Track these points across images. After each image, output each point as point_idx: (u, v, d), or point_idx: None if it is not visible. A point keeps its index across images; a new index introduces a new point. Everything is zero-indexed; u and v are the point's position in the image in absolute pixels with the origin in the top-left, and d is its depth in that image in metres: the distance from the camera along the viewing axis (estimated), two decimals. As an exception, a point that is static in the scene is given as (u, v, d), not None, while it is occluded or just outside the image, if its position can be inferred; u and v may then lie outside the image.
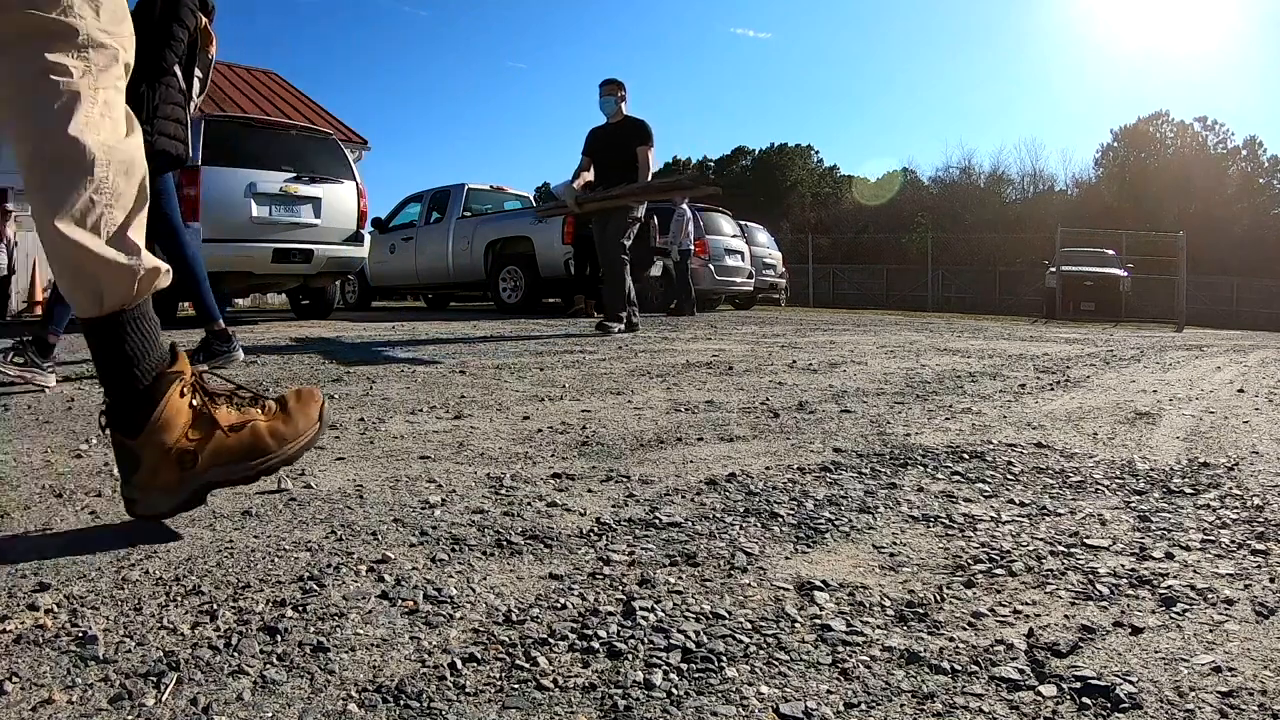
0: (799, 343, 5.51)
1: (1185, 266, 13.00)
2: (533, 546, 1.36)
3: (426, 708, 0.86)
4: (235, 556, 1.28)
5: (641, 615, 1.09)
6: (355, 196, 7.68)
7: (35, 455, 1.97)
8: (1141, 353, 5.65)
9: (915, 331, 7.28)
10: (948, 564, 1.31)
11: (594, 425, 2.40)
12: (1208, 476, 1.92)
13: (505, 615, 1.09)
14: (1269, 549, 1.39)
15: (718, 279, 11.53)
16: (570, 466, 1.91)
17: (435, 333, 6.18)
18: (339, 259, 7.57)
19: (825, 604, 1.14)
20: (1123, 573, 1.28)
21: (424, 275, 11.06)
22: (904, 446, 2.17)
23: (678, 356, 4.41)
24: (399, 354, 4.39)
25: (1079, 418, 2.68)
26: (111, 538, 1.35)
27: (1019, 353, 5.22)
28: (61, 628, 1.03)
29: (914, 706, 0.88)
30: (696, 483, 1.77)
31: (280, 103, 16.21)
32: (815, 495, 1.68)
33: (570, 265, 9.40)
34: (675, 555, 1.33)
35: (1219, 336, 9.75)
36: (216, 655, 0.96)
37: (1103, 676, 0.94)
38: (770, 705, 0.88)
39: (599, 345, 5.04)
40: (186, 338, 5.61)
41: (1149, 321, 13.82)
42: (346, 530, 1.42)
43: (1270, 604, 1.15)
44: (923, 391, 3.21)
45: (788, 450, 2.11)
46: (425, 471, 1.84)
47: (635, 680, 0.92)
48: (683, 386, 3.23)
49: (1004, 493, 1.74)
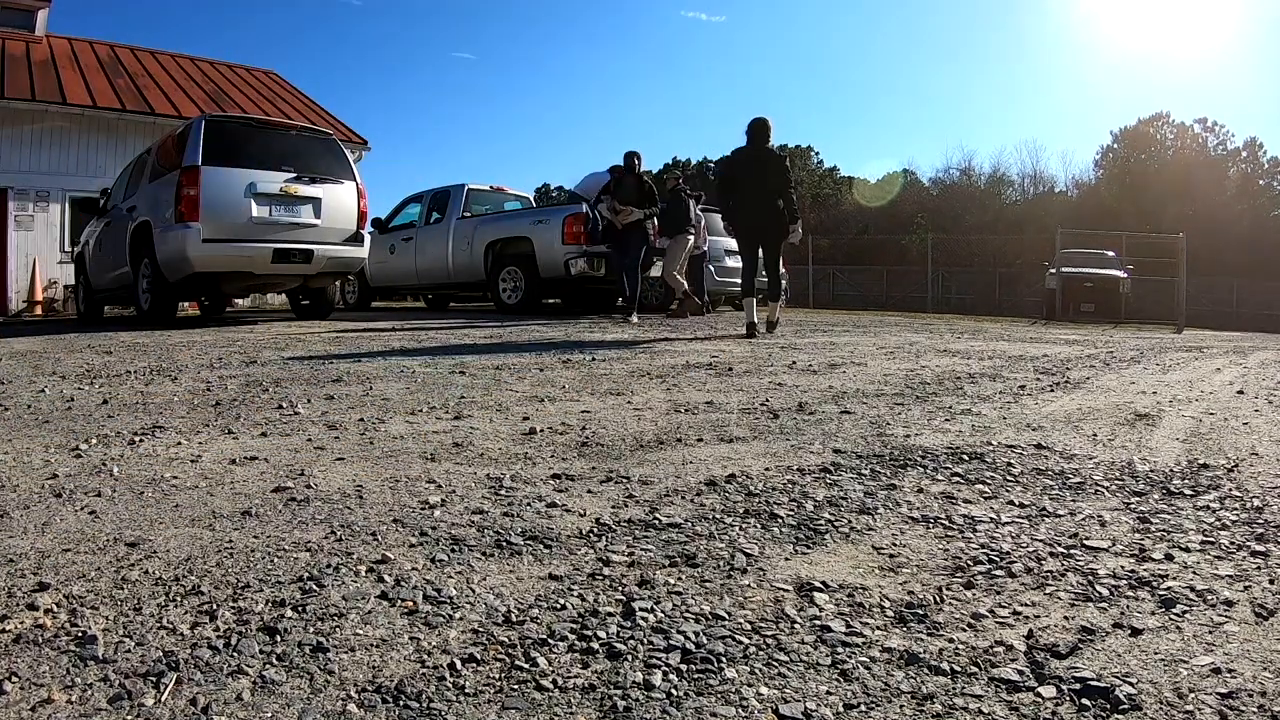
0: (798, 344, 5.51)
1: (1185, 268, 12.99)
2: (532, 547, 1.36)
3: (426, 708, 0.86)
4: (235, 556, 1.28)
5: (641, 616, 1.09)
6: (355, 197, 7.68)
7: (35, 455, 1.97)
8: (1141, 354, 5.66)
9: (915, 333, 7.28)
10: (947, 565, 1.31)
11: (594, 426, 2.40)
12: (1207, 478, 1.92)
13: (505, 616, 1.09)
14: (1268, 550, 1.39)
15: (718, 279, 11.54)
16: (570, 467, 1.91)
17: (435, 333, 6.18)
18: (339, 259, 7.56)
19: (825, 605, 1.14)
20: (1122, 574, 1.28)
21: (424, 276, 11.05)
22: (903, 448, 2.17)
23: (677, 357, 4.41)
24: (399, 354, 4.39)
25: (1079, 419, 2.68)
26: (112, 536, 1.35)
27: (1019, 354, 5.22)
28: (61, 627, 1.03)
29: (913, 707, 0.88)
30: (696, 483, 1.77)
31: (280, 103, 16.19)
32: (815, 496, 1.68)
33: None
34: (675, 556, 1.33)
35: (1219, 338, 9.75)
36: (216, 655, 0.96)
37: (1102, 678, 0.94)
38: (770, 706, 0.88)
39: (599, 345, 5.04)
40: (187, 337, 5.61)
41: (1149, 323, 13.82)
42: (346, 530, 1.42)
43: (1270, 605, 1.15)
44: (922, 393, 3.21)
45: (787, 451, 2.11)
46: (425, 472, 1.84)
47: (635, 681, 0.92)
48: (682, 387, 3.23)
49: (1004, 494, 1.74)
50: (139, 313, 7.46)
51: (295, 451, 2.03)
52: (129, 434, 2.21)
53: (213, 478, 1.77)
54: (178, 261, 6.66)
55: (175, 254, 6.65)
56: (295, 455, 1.99)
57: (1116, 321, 13.51)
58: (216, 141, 6.89)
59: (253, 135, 7.39)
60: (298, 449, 2.06)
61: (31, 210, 12.75)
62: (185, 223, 6.55)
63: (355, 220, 7.73)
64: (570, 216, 9.21)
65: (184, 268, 6.66)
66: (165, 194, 6.82)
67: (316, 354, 4.39)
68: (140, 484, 1.71)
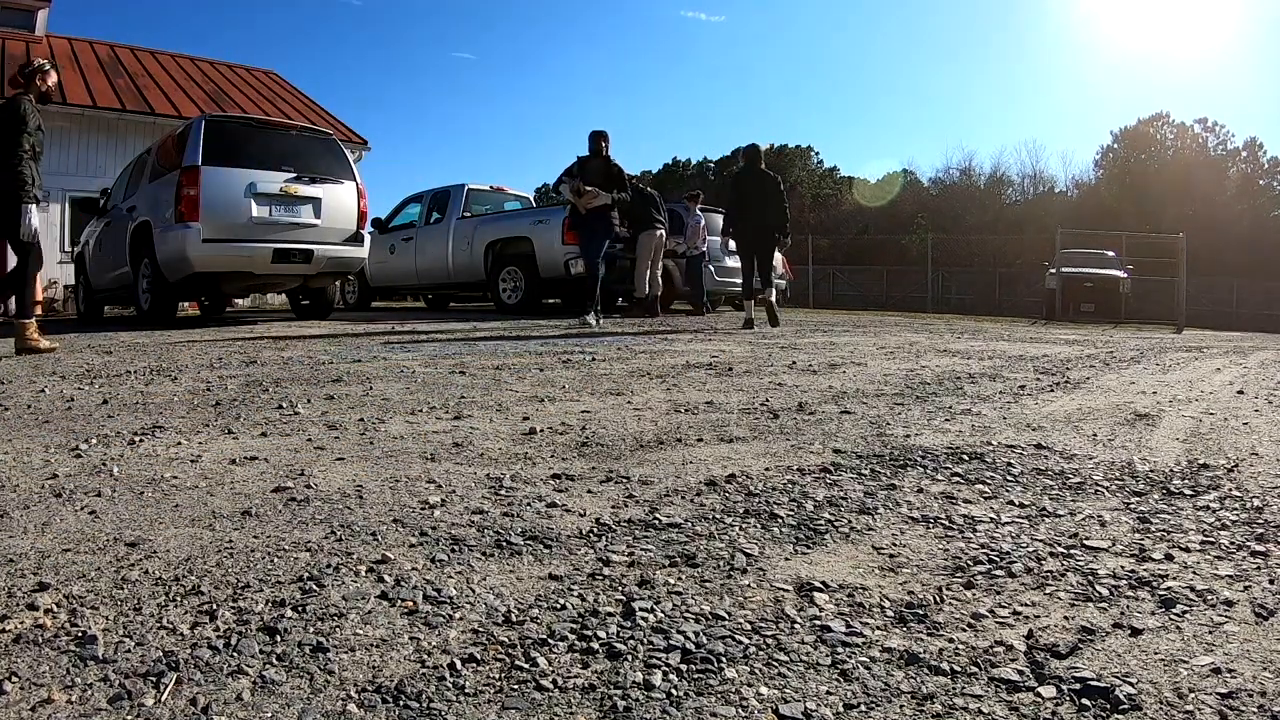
0: (798, 344, 5.50)
1: (1185, 268, 13.00)
2: (532, 547, 1.36)
3: (426, 708, 0.86)
4: (235, 556, 1.28)
5: (641, 616, 1.09)
6: (355, 197, 7.68)
7: (35, 455, 1.97)
8: (1141, 354, 5.65)
9: (915, 333, 7.27)
10: (947, 565, 1.31)
11: (594, 426, 2.40)
12: (1207, 478, 1.92)
13: (505, 616, 1.09)
14: (1268, 550, 1.39)
15: (717, 279, 11.54)
16: (570, 467, 1.91)
17: (435, 333, 6.18)
18: (339, 259, 7.56)
19: (825, 605, 1.14)
20: (1122, 574, 1.28)
21: (424, 276, 11.05)
22: (903, 448, 2.17)
23: (677, 358, 4.41)
24: (399, 354, 4.39)
25: (1079, 419, 2.68)
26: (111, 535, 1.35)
27: (1019, 354, 5.22)
28: (61, 627, 1.03)
29: (913, 707, 0.88)
30: (696, 484, 1.77)
31: (280, 103, 16.19)
32: (815, 496, 1.68)
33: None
34: (675, 556, 1.33)
35: (1219, 338, 9.75)
36: (216, 655, 0.96)
37: (1102, 678, 0.94)
38: (770, 706, 0.88)
39: (599, 346, 5.04)
40: (187, 337, 5.61)
41: (1149, 323, 13.82)
42: (346, 530, 1.42)
43: (1269, 605, 1.15)
44: (922, 393, 3.21)
45: (787, 451, 2.11)
46: (425, 472, 1.84)
47: (635, 681, 0.92)
48: (682, 387, 3.23)
49: (1003, 494, 1.74)
50: (139, 313, 7.46)
51: (295, 451, 2.03)
52: (129, 434, 2.21)
53: (213, 478, 1.77)
54: (178, 261, 6.67)
55: (175, 254, 6.65)
56: (295, 455, 1.99)
57: (1116, 321, 13.51)
58: (216, 141, 6.89)
59: (253, 135, 7.39)
60: (298, 449, 2.06)
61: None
62: (185, 223, 6.55)
63: (355, 220, 7.73)
64: (570, 217, 9.19)
65: (184, 268, 6.66)
66: (165, 194, 6.82)
67: (317, 354, 4.39)
68: (140, 484, 1.71)
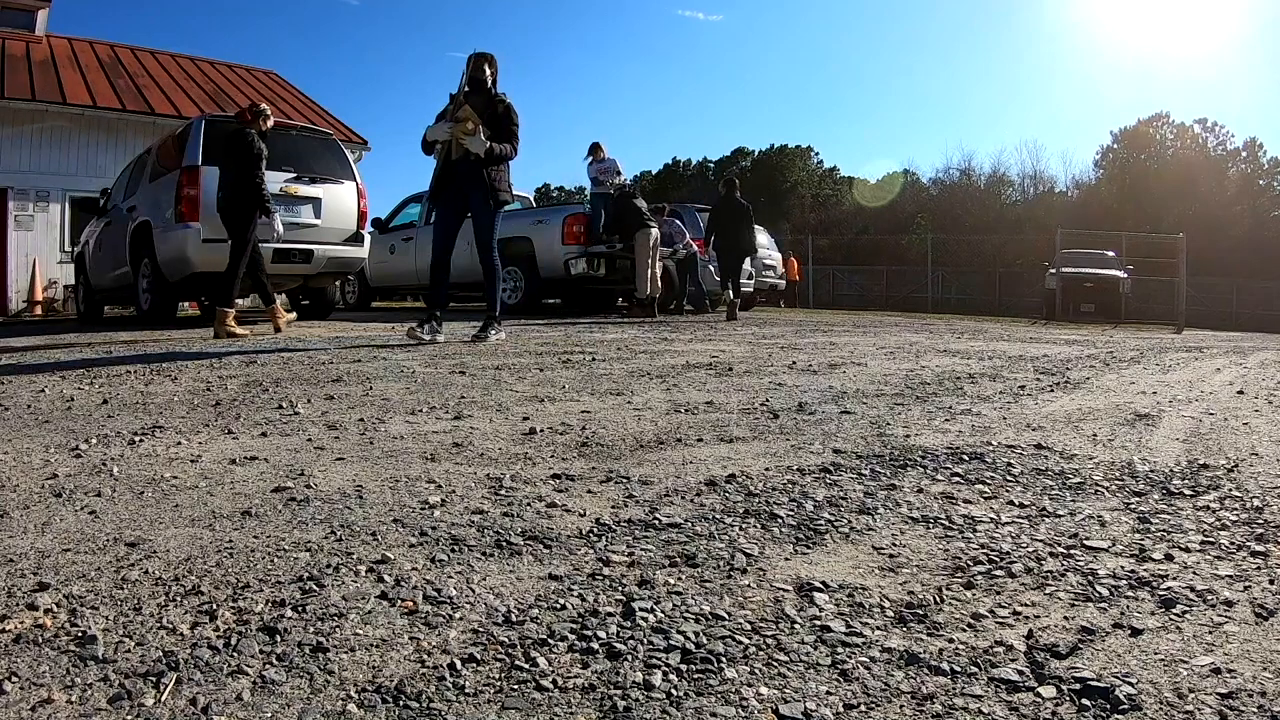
0: (798, 344, 5.50)
1: (1185, 268, 13.00)
2: (532, 547, 1.36)
3: (426, 708, 0.86)
4: (235, 556, 1.28)
5: (641, 616, 1.09)
6: (355, 197, 7.67)
7: (35, 455, 1.97)
8: (1141, 354, 5.65)
9: (915, 333, 7.27)
10: (947, 565, 1.31)
11: (594, 426, 2.40)
12: (1207, 478, 1.92)
13: (505, 616, 1.09)
14: (1268, 550, 1.39)
15: (717, 279, 11.56)
16: (570, 467, 1.91)
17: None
18: (339, 259, 7.56)
19: (825, 605, 1.14)
20: (1122, 574, 1.28)
21: (424, 276, 11.04)
22: (903, 448, 2.17)
23: (677, 358, 4.41)
24: (398, 354, 4.39)
25: (1079, 419, 2.68)
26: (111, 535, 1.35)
27: (1019, 354, 5.22)
28: (61, 627, 1.03)
29: (913, 708, 0.88)
30: (696, 484, 1.77)
31: (280, 103, 16.18)
32: (815, 496, 1.68)
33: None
34: (675, 556, 1.33)
35: (1219, 338, 9.75)
36: (216, 655, 0.96)
37: (1102, 678, 0.94)
38: (770, 706, 0.88)
39: (599, 346, 5.04)
40: (186, 336, 5.61)
41: (1149, 323, 13.82)
42: (346, 530, 1.42)
43: (1269, 605, 1.15)
44: (922, 393, 3.21)
45: (787, 451, 2.11)
46: (425, 472, 1.84)
47: (635, 681, 0.92)
48: (682, 387, 3.23)
49: (1003, 494, 1.74)
50: (139, 313, 7.46)
51: (295, 451, 2.03)
52: (129, 434, 2.21)
53: (213, 478, 1.77)
54: (178, 261, 6.67)
55: (175, 254, 6.65)
56: (295, 455, 1.99)
57: (1116, 322, 13.50)
58: (217, 142, 6.89)
59: (253, 135, 7.37)
60: (298, 449, 2.06)
61: (31, 210, 12.75)
62: (185, 223, 6.55)
63: (355, 220, 7.73)
64: (570, 217, 9.22)
65: (184, 268, 6.66)
66: (165, 194, 6.82)
67: (317, 354, 4.39)
68: (140, 484, 1.71)
